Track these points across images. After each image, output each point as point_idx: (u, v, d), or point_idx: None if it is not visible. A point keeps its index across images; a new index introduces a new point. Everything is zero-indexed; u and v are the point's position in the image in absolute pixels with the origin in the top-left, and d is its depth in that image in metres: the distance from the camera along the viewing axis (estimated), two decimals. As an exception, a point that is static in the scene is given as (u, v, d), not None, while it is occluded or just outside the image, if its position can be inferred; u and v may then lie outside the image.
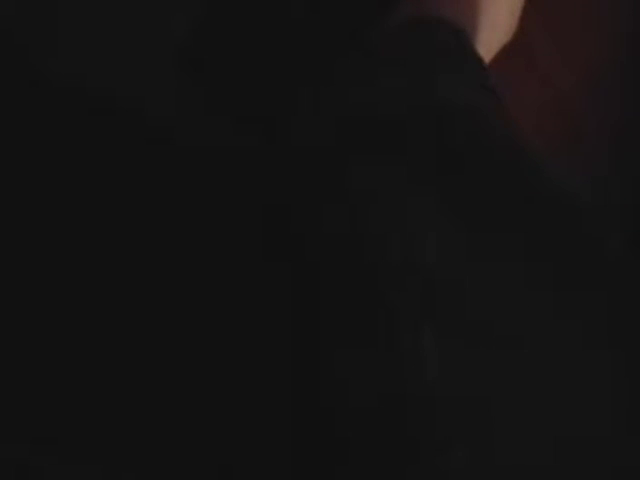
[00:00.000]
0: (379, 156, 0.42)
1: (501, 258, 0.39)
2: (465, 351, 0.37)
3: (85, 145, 0.54)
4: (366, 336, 0.39)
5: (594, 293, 0.39)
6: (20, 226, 0.53)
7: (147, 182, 0.54)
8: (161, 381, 0.49)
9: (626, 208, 0.55)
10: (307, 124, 0.45)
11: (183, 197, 0.53)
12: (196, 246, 0.52)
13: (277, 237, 0.44)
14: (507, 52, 0.52)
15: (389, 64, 0.45)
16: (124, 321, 0.51)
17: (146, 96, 0.55)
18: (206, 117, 0.54)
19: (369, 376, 0.38)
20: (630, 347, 0.37)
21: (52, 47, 0.57)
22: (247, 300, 0.49)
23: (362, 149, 0.42)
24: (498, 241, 0.40)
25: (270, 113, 0.53)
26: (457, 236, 0.39)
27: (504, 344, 0.37)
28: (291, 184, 0.44)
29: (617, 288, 0.39)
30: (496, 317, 0.38)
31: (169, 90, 0.55)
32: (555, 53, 0.57)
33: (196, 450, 0.48)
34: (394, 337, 0.38)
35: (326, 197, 0.42)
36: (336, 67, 0.48)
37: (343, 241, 0.40)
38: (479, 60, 0.47)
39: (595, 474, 0.35)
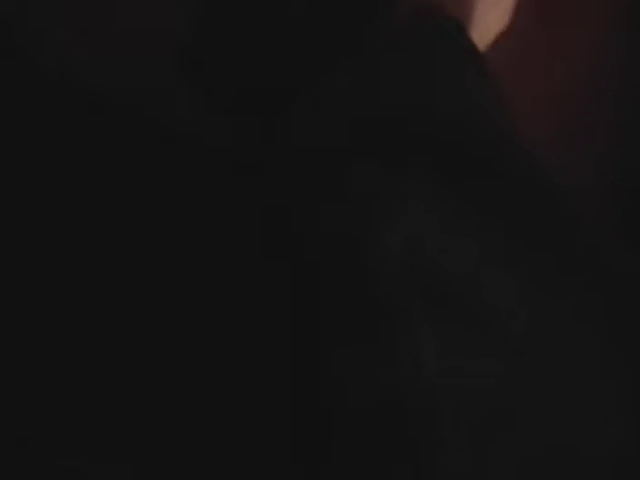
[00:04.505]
0: (380, 156, 0.42)
1: (502, 257, 0.39)
2: (465, 351, 0.37)
3: (84, 145, 0.54)
4: (365, 336, 0.39)
5: (598, 296, 0.39)
6: (19, 225, 0.53)
7: (146, 182, 0.54)
8: (160, 380, 0.49)
9: (622, 199, 0.55)
10: (307, 123, 0.45)
11: (182, 197, 0.53)
12: (195, 246, 0.52)
13: (277, 237, 0.44)
14: (500, 43, 0.52)
15: (391, 65, 0.45)
16: (124, 320, 0.51)
17: (146, 96, 0.55)
18: (206, 117, 0.54)
19: (368, 376, 0.38)
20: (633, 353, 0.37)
21: (52, 47, 0.56)
22: (247, 300, 0.49)
23: (363, 149, 0.42)
24: (500, 239, 0.40)
25: (270, 112, 0.52)
26: (458, 234, 0.39)
27: (506, 344, 0.37)
28: (291, 184, 0.44)
29: (619, 294, 0.39)
30: (498, 317, 0.38)
31: (169, 90, 0.55)
32: (550, 44, 0.57)
33: (195, 450, 0.48)
34: (393, 337, 0.38)
35: (326, 196, 0.42)
36: (338, 66, 0.48)
37: (342, 241, 0.40)
38: (479, 53, 0.47)
39: (599, 476, 0.35)
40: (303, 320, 0.41)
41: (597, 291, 0.39)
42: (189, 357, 0.49)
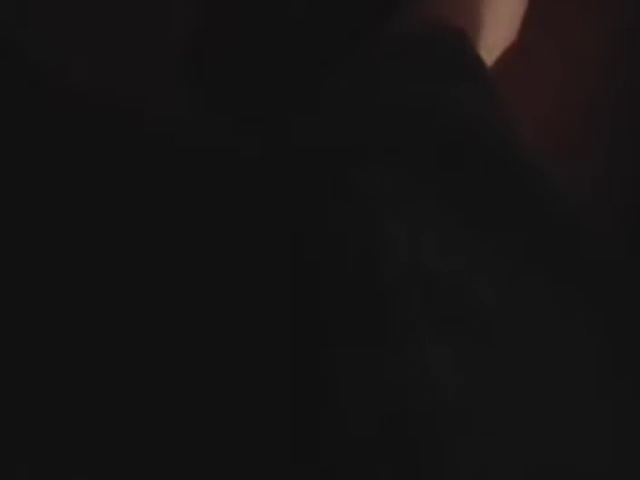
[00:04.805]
0: (382, 156, 0.42)
1: (502, 258, 0.39)
2: (467, 354, 0.37)
3: (85, 146, 0.54)
4: (368, 336, 0.39)
5: (602, 313, 0.39)
6: (20, 226, 0.53)
7: (147, 183, 0.54)
8: (160, 381, 0.49)
9: (626, 208, 0.56)
10: (309, 124, 0.45)
11: (183, 198, 0.53)
12: (196, 246, 0.52)
13: (278, 237, 0.44)
14: (505, 55, 0.52)
15: (393, 68, 0.45)
16: (124, 321, 0.51)
17: (146, 96, 0.55)
18: (207, 117, 0.54)
19: (370, 376, 0.38)
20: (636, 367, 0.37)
21: (52, 49, 0.57)
22: (247, 300, 0.49)
23: (364, 150, 0.42)
24: (499, 240, 0.40)
25: (271, 113, 0.53)
26: (458, 234, 0.40)
27: (507, 349, 0.37)
28: (292, 184, 0.44)
29: (623, 311, 0.39)
30: (498, 320, 0.38)
31: (169, 90, 0.55)
32: (554, 54, 0.57)
33: (195, 450, 0.48)
34: (395, 338, 0.38)
35: (329, 197, 0.42)
36: (339, 68, 0.48)
37: (345, 241, 0.40)
38: (483, 64, 0.47)
39: None
40: (304, 320, 0.41)
41: (600, 307, 0.39)
42: (190, 358, 0.49)
